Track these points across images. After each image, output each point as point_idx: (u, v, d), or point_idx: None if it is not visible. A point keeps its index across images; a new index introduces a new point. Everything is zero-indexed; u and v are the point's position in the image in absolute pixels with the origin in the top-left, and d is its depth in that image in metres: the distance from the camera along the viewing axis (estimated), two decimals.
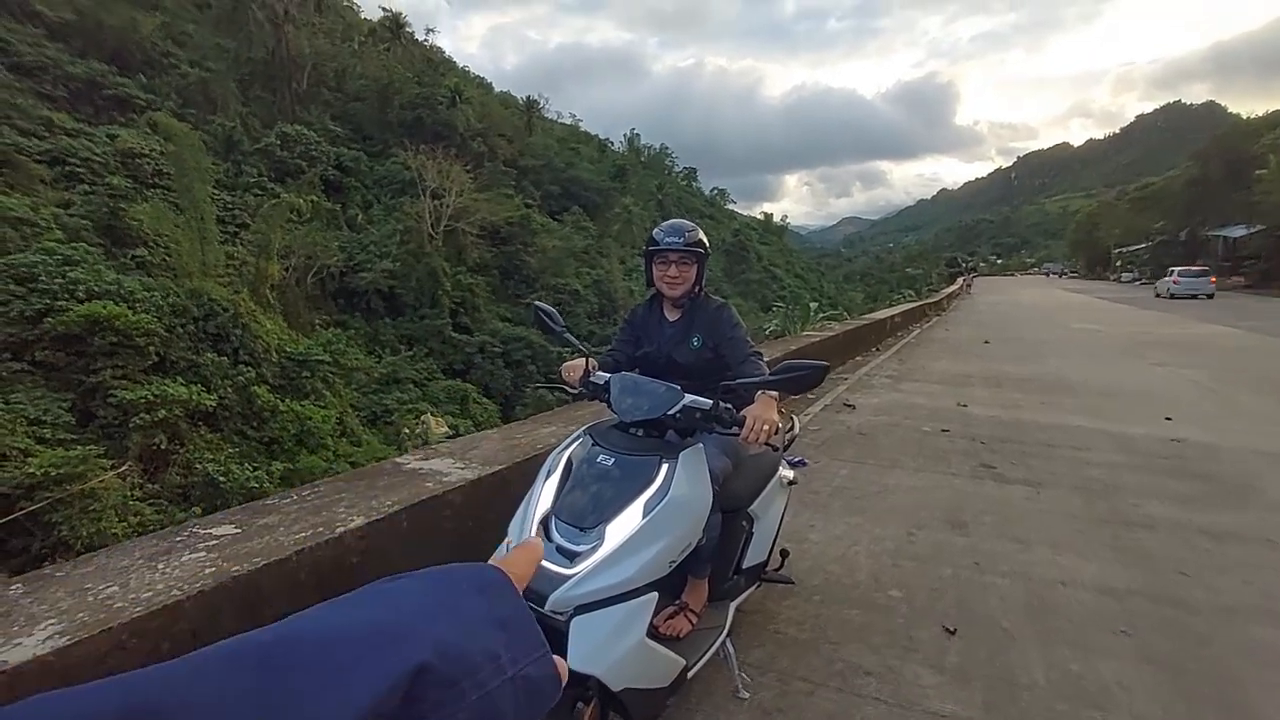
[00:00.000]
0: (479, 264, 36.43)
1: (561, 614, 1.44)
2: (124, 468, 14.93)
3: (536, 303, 2.05)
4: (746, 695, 2.03)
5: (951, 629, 2.42)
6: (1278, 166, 31.64)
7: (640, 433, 1.74)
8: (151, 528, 13.79)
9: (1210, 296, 25.63)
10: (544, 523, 1.58)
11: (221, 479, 15.79)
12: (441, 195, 35.25)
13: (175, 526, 2.03)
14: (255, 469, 17.14)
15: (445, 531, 2.38)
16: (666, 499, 1.56)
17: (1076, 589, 2.74)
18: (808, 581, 2.73)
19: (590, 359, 2.02)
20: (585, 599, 1.43)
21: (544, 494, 1.64)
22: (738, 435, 1.69)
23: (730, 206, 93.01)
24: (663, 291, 2.10)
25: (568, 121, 70.07)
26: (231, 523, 2.02)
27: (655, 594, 1.53)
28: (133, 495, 14.68)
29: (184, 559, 1.74)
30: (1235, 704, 2.02)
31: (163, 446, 16.22)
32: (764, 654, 2.24)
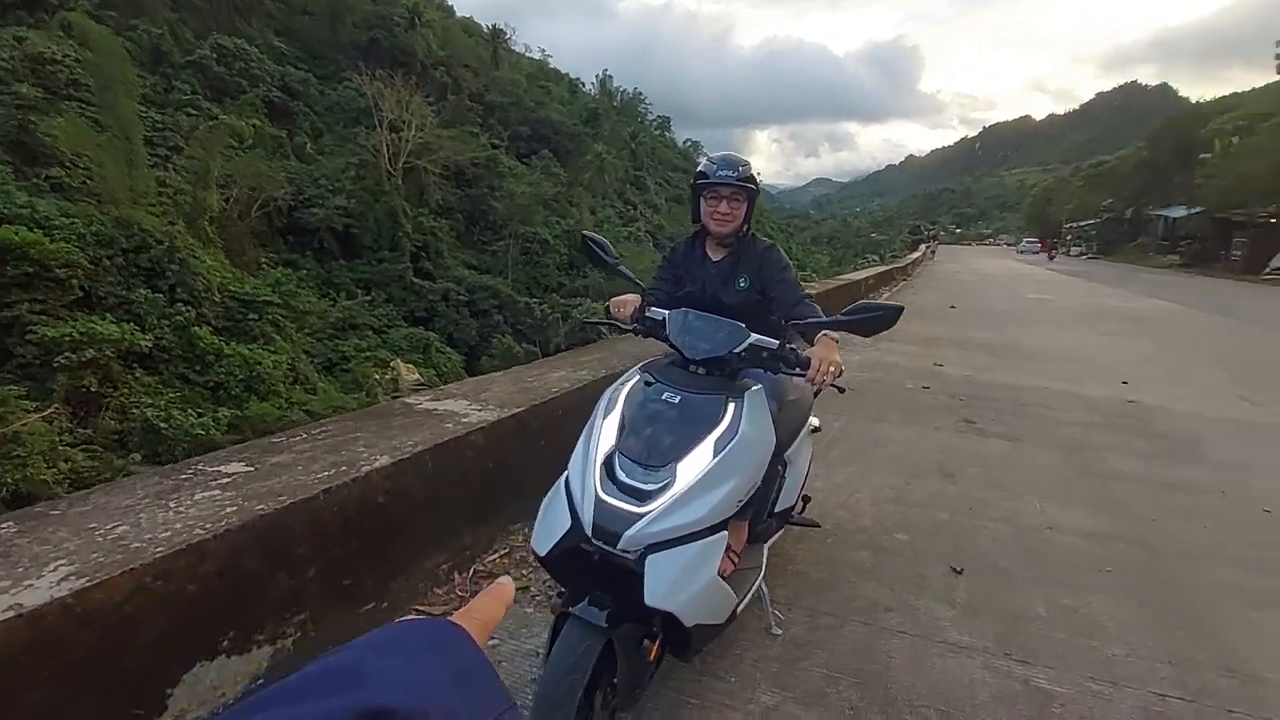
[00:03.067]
0: (442, 206, 34.99)
1: (631, 552, 1.46)
2: (49, 411, 14.08)
3: (585, 232, 2.00)
4: (779, 631, 2.11)
5: (959, 569, 2.56)
6: (1222, 151, 32.99)
7: (701, 371, 1.73)
8: (86, 474, 13.14)
9: (1050, 257, 42.37)
10: (607, 460, 1.57)
11: (162, 425, 14.89)
12: (400, 128, 33.26)
13: (177, 464, 1.93)
14: (200, 415, 16.26)
15: (467, 473, 2.36)
16: (736, 438, 1.57)
17: (1063, 533, 2.93)
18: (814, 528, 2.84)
19: (645, 296, 1.98)
20: (658, 537, 1.44)
21: (605, 431, 1.62)
22: (803, 376, 1.71)
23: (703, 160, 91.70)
24: (710, 228, 2.05)
25: (536, 56, 66.74)
26: (241, 460, 1.93)
27: (725, 533, 1.56)
28: (62, 440, 13.88)
29: (196, 497, 1.65)
30: (1210, 633, 2.21)
31: (94, 389, 15.26)
32: (789, 593, 2.33)
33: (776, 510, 2.21)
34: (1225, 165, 31.61)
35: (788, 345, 1.72)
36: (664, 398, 1.63)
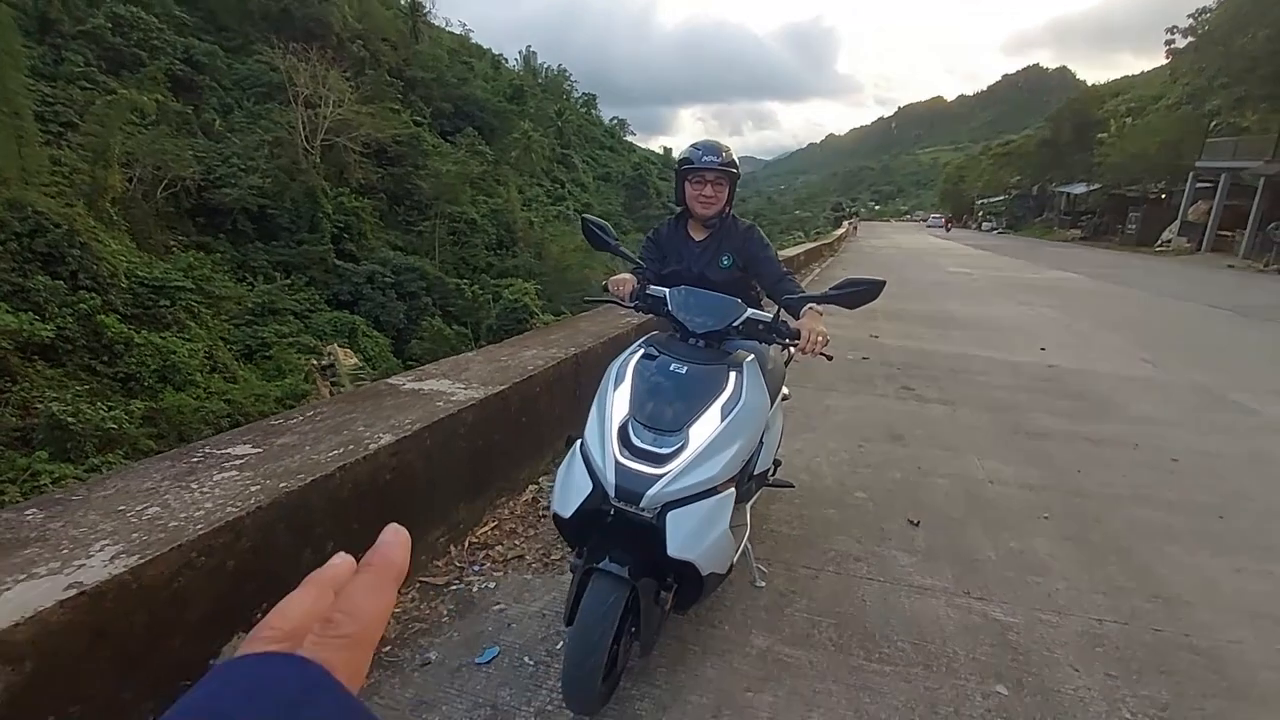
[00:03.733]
0: (364, 186, 33.46)
1: (651, 511, 1.55)
2: None
3: (585, 215, 2.04)
4: (763, 584, 2.27)
5: (915, 521, 2.79)
6: (1116, 131, 35.62)
7: (701, 343, 1.83)
8: None
9: (947, 229, 49.49)
10: (622, 427, 1.65)
11: (70, 420, 13.83)
12: (317, 104, 31.52)
13: (184, 448, 1.90)
14: (111, 408, 15.21)
15: (459, 450, 2.39)
16: (741, 403, 1.69)
17: (1003, 485, 3.23)
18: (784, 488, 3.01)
19: (641, 276, 2.05)
20: (676, 495, 1.55)
21: (617, 402, 1.70)
22: (795, 345, 1.83)
23: (629, 138, 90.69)
24: (695, 211, 2.14)
25: (457, 30, 64.02)
26: (247, 442, 1.94)
27: (733, 490, 1.67)
28: None
29: (216, 478, 1.68)
30: (1135, 565, 2.53)
31: None
32: (767, 549, 2.49)
33: (755, 473, 2.34)
34: (1120, 144, 34.16)
35: (779, 318, 1.84)
36: (671, 369, 1.72)
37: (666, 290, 1.92)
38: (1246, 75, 24.39)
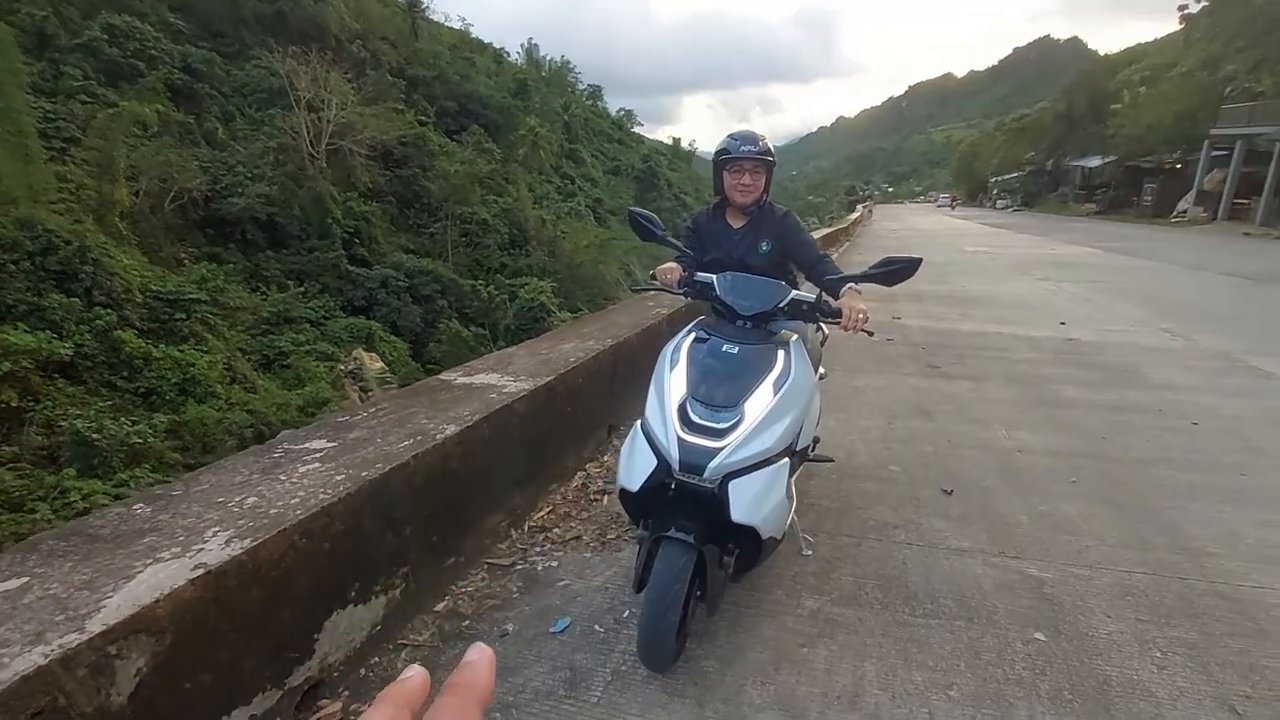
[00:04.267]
0: (372, 189, 33.69)
1: (713, 481, 1.70)
2: None
3: (632, 208, 2.17)
4: (809, 552, 2.40)
5: (949, 490, 2.92)
6: (1130, 102, 35.02)
7: (749, 325, 1.97)
8: (15, 494, 12.53)
9: (952, 208, 54.53)
10: (681, 406, 1.80)
11: (95, 436, 14.07)
12: (319, 108, 31.58)
13: (262, 445, 2.05)
14: (135, 423, 15.48)
15: (513, 438, 2.53)
16: (791, 379, 1.83)
17: (1031, 454, 3.34)
18: (823, 463, 3.15)
19: (686, 264, 2.18)
20: (736, 466, 1.68)
21: (674, 382, 1.85)
22: (838, 323, 1.97)
23: (637, 129, 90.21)
24: (734, 199, 2.26)
25: (456, 25, 63.82)
26: (321, 437, 2.06)
27: (788, 459, 1.82)
28: None
29: (301, 470, 1.79)
30: (1161, 522, 2.63)
31: (13, 404, 14.39)
32: (811, 521, 2.63)
33: (798, 449, 2.48)
34: (1134, 115, 33.67)
35: (822, 298, 1.98)
36: (724, 350, 1.86)
37: (714, 276, 2.06)
38: (1264, 37, 23.89)
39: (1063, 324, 6.67)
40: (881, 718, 1.66)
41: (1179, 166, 31.00)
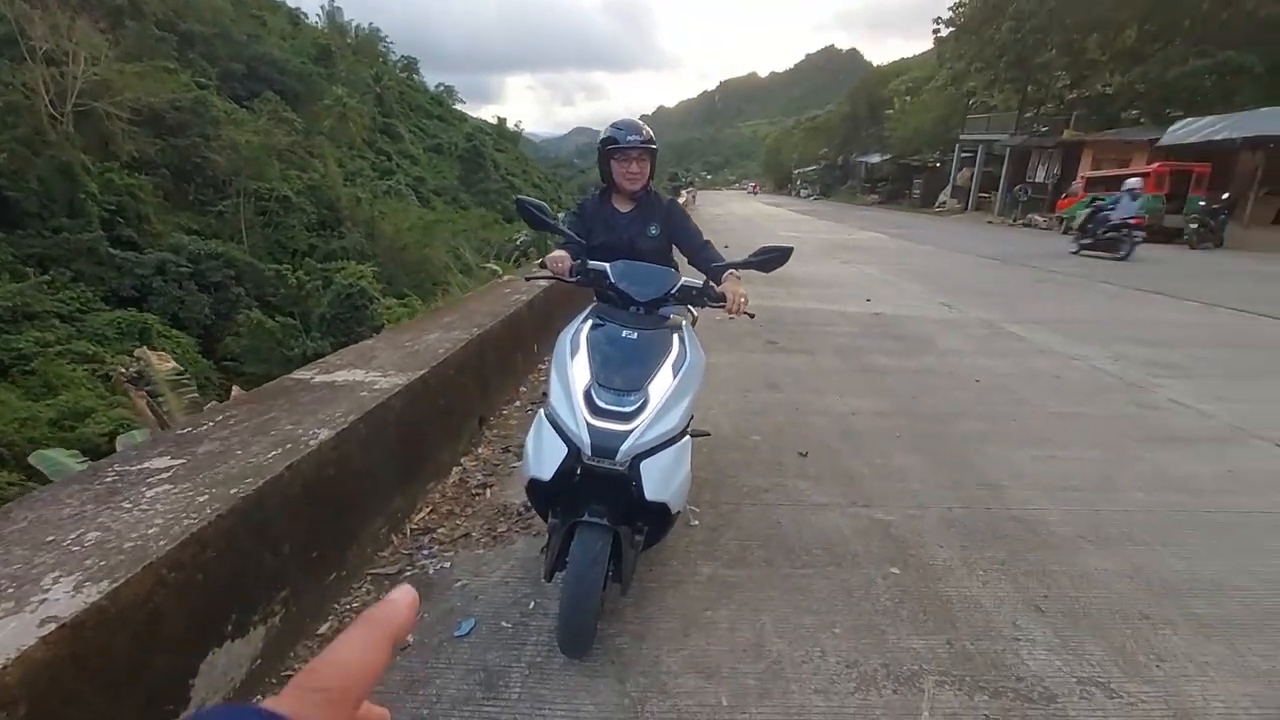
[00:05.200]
0: (139, 160, 28.46)
1: (623, 463, 1.73)
2: None
3: (520, 197, 2.10)
4: (696, 523, 2.55)
5: (804, 453, 3.25)
6: (899, 108, 40.63)
7: (642, 310, 2.02)
8: None
9: (754, 193, 61.33)
10: (586, 392, 1.80)
11: None
12: (62, 61, 26.17)
13: (87, 470, 1.73)
14: None
15: (391, 437, 2.38)
16: (688, 361, 1.92)
17: (863, 416, 3.82)
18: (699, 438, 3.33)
19: (574, 251, 2.16)
20: (646, 447, 1.73)
21: (577, 370, 1.85)
22: (722, 306, 2.09)
23: (459, 107, 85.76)
24: (623, 186, 2.30)
25: None
26: (162, 454, 1.79)
27: (689, 437, 1.90)
28: None
29: (148, 494, 1.56)
30: (966, 464, 3.18)
31: None
32: (692, 493, 2.76)
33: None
34: (902, 120, 39.21)
35: (707, 283, 2.09)
36: (623, 336, 1.90)
37: (606, 265, 2.08)
38: (995, 61, 29.04)
39: (868, 300, 7.65)
40: (783, 662, 1.83)
41: (938, 165, 36.74)
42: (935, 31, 33.99)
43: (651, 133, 2.28)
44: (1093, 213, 13.49)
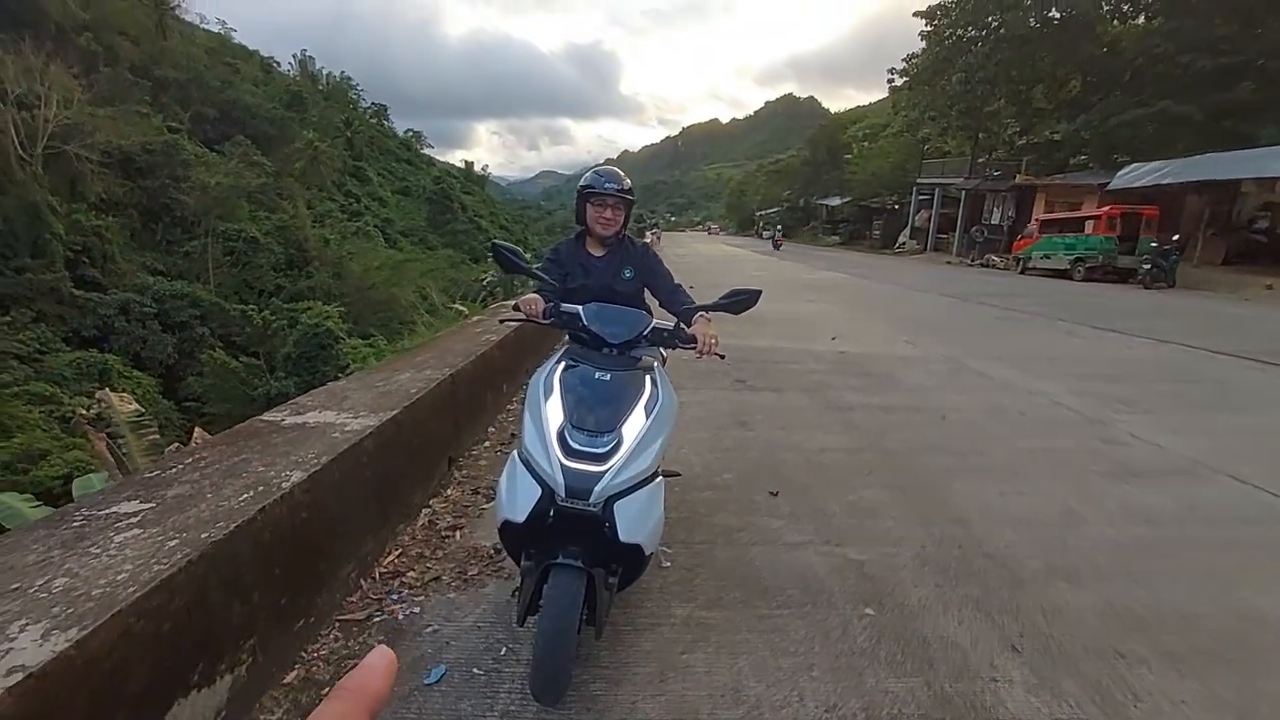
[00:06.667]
0: (107, 201, 28.08)
1: (597, 505, 1.73)
2: None
3: (496, 241, 2.13)
4: (669, 564, 2.54)
5: (775, 491, 3.27)
6: (858, 154, 42.39)
7: (614, 351, 2.05)
8: None
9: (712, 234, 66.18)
10: (560, 433, 1.81)
11: None
12: (34, 105, 25.98)
13: (50, 517, 1.67)
14: None
15: (364, 479, 2.36)
16: (660, 402, 1.94)
17: (832, 453, 3.88)
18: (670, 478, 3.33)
19: (547, 295, 2.19)
20: (620, 488, 1.74)
21: (551, 411, 1.86)
22: (693, 348, 2.13)
23: (427, 151, 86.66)
24: (597, 231, 2.37)
25: (214, 29, 55.90)
26: (130, 499, 1.75)
27: (662, 477, 1.91)
28: None
29: (116, 539, 1.53)
30: (936, 500, 3.24)
31: None
32: (665, 532, 2.76)
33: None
34: (861, 164, 40.92)
35: (679, 325, 2.13)
36: (596, 377, 1.92)
37: (579, 308, 2.11)
38: (947, 110, 30.63)
39: (834, 339, 7.82)
40: (762, 707, 1.82)
41: (897, 207, 38.21)
42: (890, 82, 35.78)
43: (630, 184, 2.35)
44: None
